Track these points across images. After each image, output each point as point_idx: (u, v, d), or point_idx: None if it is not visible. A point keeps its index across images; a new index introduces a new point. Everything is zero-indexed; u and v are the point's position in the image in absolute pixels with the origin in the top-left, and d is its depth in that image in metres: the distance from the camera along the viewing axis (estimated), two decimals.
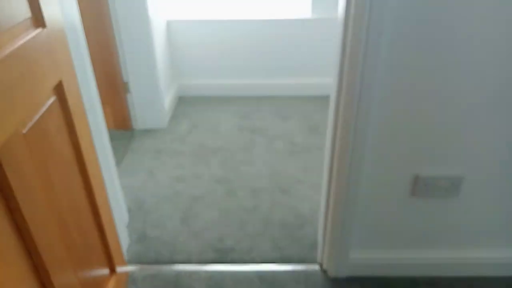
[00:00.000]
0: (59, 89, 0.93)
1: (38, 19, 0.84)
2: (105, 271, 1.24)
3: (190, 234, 1.55)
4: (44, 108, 0.85)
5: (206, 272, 1.39)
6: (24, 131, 0.77)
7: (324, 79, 2.68)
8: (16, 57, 0.73)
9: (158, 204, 1.72)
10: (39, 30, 0.83)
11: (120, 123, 2.27)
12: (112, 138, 2.18)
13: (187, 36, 2.53)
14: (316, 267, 1.41)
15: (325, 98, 2.64)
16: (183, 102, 2.65)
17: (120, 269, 1.34)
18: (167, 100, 2.44)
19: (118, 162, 2.00)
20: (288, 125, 2.35)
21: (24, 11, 0.78)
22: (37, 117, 0.82)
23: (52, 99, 0.90)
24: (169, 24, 2.49)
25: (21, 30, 0.77)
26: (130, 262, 1.43)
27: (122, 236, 1.49)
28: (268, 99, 2.68)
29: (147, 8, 2.00)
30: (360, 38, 0.96)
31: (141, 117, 2.28)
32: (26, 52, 0.77)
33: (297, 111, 2.51)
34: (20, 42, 0.75)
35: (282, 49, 2.57)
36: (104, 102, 2.21)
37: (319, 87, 2.69)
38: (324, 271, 1.39)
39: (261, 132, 2.28)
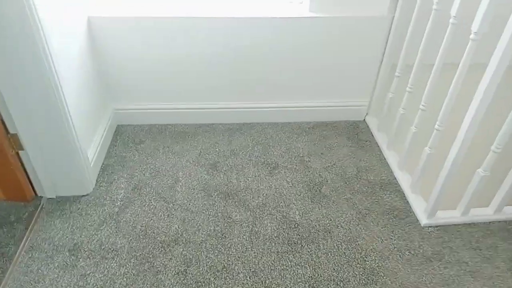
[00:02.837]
0: None
1: None
2: None
3: None
4: None
5: None
6: None
7: (318, 101, 1.92)
8: None
9: None
10: None
11: (13, 192, 1.41)
12: (2, 218, 1.34)
13: (123, 40, 1.64)
14: None
15: (322, 126, 1.89)
16: (122, 136, 1.80)
17: None
18: (94, 142, 1.59)
19: None
20: (278, 181, 1.60)
21: None
22: None
23: None
24: (91, 22, 1.57)
25: None
26: None
27: None
28: (245, 129, 1.89)
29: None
30: None
31: (47, 181, 1.43)
32: None
33: (288, 152, 1.75)
34: None
35: (261, 59, 1.76)
36: None
37: (313, 112, 1.94)
38: None
39: (239, 198, 1.51)
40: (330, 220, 1.44)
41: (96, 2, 1.58)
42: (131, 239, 1.33)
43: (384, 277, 1.25)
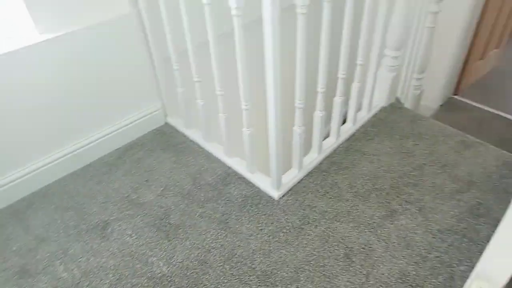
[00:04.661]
0: None
1: None
2: None
3: None
4: None
5: None
6: None
7: (107, 126, 1.63)
8: None
9: None
10: None
11: None
12: None
13: None
14: None
15: (128, 149, 1.62)
16: None
17: None
18: None
19: None
20: (119, 241, 1.28)
21: None
22: None
23: None
24: None
25: None
26: None
27: None
28: (38, 201, 1.43)
29: None
30: None
31: None
32: None
33: (109, 200, 1.43)
34: None
35: (10, 107, 1.32)
36: None
37: (109, 140, 1.64)
38: None
39: None
40: (198, 248, 1.27)
41: None
42: None
43: (278, 271, 1.20)
